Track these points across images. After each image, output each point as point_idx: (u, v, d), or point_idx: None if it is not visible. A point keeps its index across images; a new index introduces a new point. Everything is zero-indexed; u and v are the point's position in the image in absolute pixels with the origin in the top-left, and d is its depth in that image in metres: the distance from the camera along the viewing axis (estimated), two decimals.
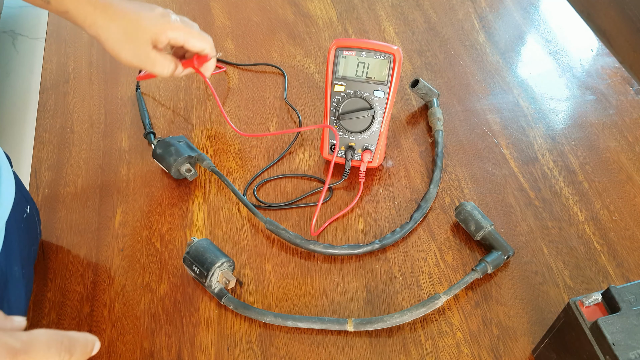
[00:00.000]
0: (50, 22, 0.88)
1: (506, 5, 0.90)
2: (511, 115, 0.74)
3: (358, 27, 0.87)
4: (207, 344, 0.54)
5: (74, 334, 0.34)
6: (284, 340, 0.55)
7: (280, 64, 0.81)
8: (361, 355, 0.53)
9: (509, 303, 0.57)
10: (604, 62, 0.81)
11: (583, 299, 0.45)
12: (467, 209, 0.61)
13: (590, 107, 0.75)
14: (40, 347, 0.32)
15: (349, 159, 0.65)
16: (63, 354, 0.33)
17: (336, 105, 0.64)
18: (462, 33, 0.86)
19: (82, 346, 0.35)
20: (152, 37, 0.60)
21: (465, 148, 0.71)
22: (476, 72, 0.80)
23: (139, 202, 0.66)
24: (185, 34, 0.61)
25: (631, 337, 0.42)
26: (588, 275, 0.59)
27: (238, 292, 0.58)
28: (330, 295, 0.58)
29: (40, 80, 0.80)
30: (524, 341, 0.54)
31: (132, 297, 0.58)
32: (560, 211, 0.64)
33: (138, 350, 0.54)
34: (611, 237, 0.62)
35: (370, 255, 0.61)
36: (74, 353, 0.34)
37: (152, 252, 0.61)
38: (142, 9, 0.59)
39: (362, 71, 0.62)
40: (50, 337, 0.33)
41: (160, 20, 0.60)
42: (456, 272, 0.59)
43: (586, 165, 0.68)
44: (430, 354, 0.53)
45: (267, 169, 0.69)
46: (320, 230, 0.63)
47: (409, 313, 0.54)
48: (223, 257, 0.56)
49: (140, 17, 0.59)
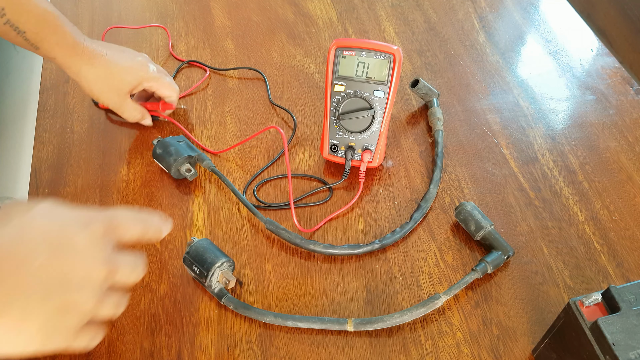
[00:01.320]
0: None
1: (506, 5, 0.90)
2: (511, 115, 0.74)
3: (358, 27, 0.87)
4: (207, 344, 0.54)
5: (150, 214, 0.43)
6: (284, 340, 0.55)
7: (281, 63, 0.81)
8: (361, 355, 0.53)
9: (509, 303, 0.57)
10: (604, 62, 0.81)
11: (583, 299, 0.45)
12: (467, 209, 0.61)
13: (590, 107, 0.75)
14: (124, 218, 0.40)
15: (349, 159, 0.65)
16: (140, 226, 0.41)
17: (336, 105, 0.64)
18: (462, 33, 0.86)
19: (155, 222, 0.43)
20: (130, 88, 0.67)
21: (465, 148, 0.71)
22: (476, 72, 0.80)
23: (139, 202, 0.66)
24: (159, 85, 0.69)
25: (631, 337, 0.42)
26: (588, 275, 0.59)
27: (238, 292, 0.58)
28: (330, 295, 0.58)
29: (40, 80, 0.80)
30: (524, 341, 0.54)
31: (132, 297, 0.58)
32: (560, 211, 0.64)
33: (138, 350, 0.54)
34: (611, 237, 0.62)
35: (370, 255, 0.61)
36: (150, 227, 0.42)
37: (152, 252, 0.61)
38: (124, 60, 0.66)
39: (362, 71, 0.62)
40: (130, 212, 0.41)
41: (140, 72, 0.67)
42: (456, 272, 0.59)
43: (586, 165, 0.68)
44: (430, 354, 0.53)
45: (265, 169, 0.69)
46: (315, 228, 0.63)
47: (409, 313, 0.54)
48: (223, 257, 0.56)
49: (121, 70, 0.65)
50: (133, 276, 0.40)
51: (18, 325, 0.33)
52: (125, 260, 0.39)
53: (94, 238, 0.37)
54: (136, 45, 0.83)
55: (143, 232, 0.42)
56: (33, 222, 0.35)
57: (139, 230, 0.41)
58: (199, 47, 0.83)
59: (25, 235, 0.35)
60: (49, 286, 0.34)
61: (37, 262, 0.34)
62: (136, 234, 0.41)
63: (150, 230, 0.42)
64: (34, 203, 0.37)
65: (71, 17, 0.89)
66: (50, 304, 0.34)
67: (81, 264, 0.36)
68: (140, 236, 0.42)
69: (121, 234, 0.40)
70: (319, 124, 0.73)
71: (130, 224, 0.41)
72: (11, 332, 0.33)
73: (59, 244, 0.35)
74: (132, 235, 0.41)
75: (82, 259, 0.36)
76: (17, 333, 0.33)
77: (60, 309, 0.35)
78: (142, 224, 0.42)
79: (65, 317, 0.35)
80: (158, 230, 0.43)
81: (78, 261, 0.36)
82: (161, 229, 0.43)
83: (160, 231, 0.43)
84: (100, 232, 0.38)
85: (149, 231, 0.42)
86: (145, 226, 0.42)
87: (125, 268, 0.39)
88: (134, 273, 0.40)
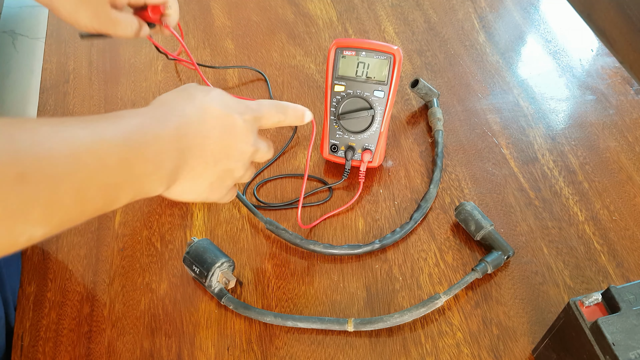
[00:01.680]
0: (50, 22, 0.88)
1: (506, 5, 0.90)
2: (511, 115, 0.74)
3: (358, 27, 0.87)
4: (207, 344, 0.54)
5: (289, 104, 0.52)
6: (284, 340, 0.55)
7: (281, 63, 0.81)
8: (361, 355, 0.53)
9: (509, 303, 0.57)
10: (604, 62, 0.81)
11: (583, 299, 0.45)
12: (467, 209, 0.61)
13: (590, 107, 0.75)
14: (268, 108, 0.49)
15: (349, 159, 0.65)
16: (280, 115, 0.50)
17: (336, 105, 0.64)
18: (462, 33, 0.86)
19: (293, 111, 0.52)
20: None
21: (465, 148, 0.71)
22: (476, 72, 0.80)
23: (139, 202, 0.66)
24: None
25: (631, 337, 0.42)
26: (588, 275, 0.59)
27: (238, 292, 0.58)
28: (330, 295, 0.58)
29: (40, 80, 0.80)
30: (524, 341, 0.54)
31: (132, 297, 0.58)
32: (560, 211, 0.64)
33: (138, 350, 0.54)
34: (611, 237, 0.62)
35: (370, 255, 0.61)
36: (288, 116, 0.51)
37: (152, 252, 0.61)
38: None
39: (362, 71, 0.62)
40: (272, 103, 0.50)
41: None
42: (456, 272, 0.59)
43: (586, 165, 0.68)
44: (430, 354, 0.53)
45: (265, 169, 0.69)
46: (314, 223, 0.63)
47: (409, 313, 0.54)
48: (223, 257, 0.56)
49: None
50: (268, 155, 0.51)
51: (197, 179, 0.45)
52: (263, 143, 0.50)
53: (248, 124, 0.46)
54: (136, 45, 0.83)
55: (282, 119, 0.51)
56: (211, 106, 0.44)
57: (279, 118, 0.51)
58: (199, 47, 0.83)
59: (207, 115, 0.44)
60: (218, 156, 0.45)
61: (213, 138, 0.44)
62: (277, 121, 0.51)
63: (288, 118, 0.51)
64: (209, 88, 0.46)
65: None
66: (218, 168, 0.46)
67: (239, 143, 0.46)
68: (280, 123, 0.51)
69: (264, 122, 0.49)
70: (319, 124, 0.73)
71: (273, 114, 0.50)
72: (193, 183, 0.45)
73: (226, 126, 0.45)
74: (273, 122, 0.50)
75: (240, 140, 0.46)
76: (195, 185, 0.45)
77: (223, 173, 0.46)
78: (282, 113, 0.51)
79: (225, 179, 0.47)
80: (298, 118, 0.52)
81: (237, 141, 0.46)
82: (302, 118, 0.52)
83: (300, 119, 0.52)
84: (252, 120, 0.47)
85: (288, 119, 0.51)
86: (285, 115, 0.51)
87: (264, 148, 0.50)
88: (268, 153, 0.51)
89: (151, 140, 0.39)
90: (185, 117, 0.43)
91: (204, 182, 0.46)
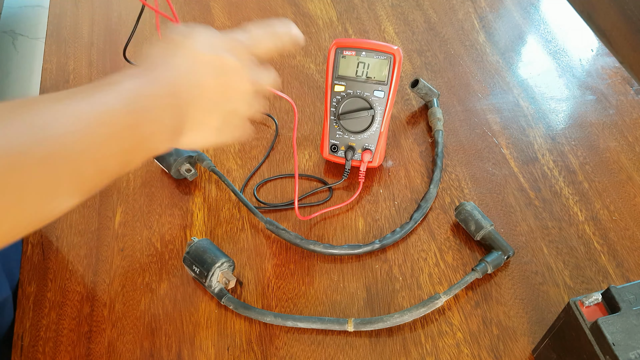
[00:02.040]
0: (50, 22, 0.88)
1: (506, 5, 0.90)
2: (511, 115, 0.74)
3: (358, 27, 0.87)
4: (207, 344, 0.54)
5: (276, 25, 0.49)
6: (284, 340, 0.55)
7: (280, 63, 0.81)
8: (361, 355, 0.53)
9: (509, 303, 0.57)
10: (604, 62, 0.81)
11: (583, 299, 0.45)
12: (467, 209, 0.61)
13: (590, 107, 0.75)
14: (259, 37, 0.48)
15: (349, 159, 0.65)
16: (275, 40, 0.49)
17: (336, 105, 0.64)
18: (462, 33, 0.86)
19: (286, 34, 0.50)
20: None
21: (465, 148, 0.71)
22: (476, 72, 0.80)
23: (139, 202, 0.66)
24: None
25: (631, 337, 0.42)
26: (588, 275, 0.59)
27: (238, 292, 0.58)
28: (330, 295, 0.58)
29: (40, 80, 0.80)
30: (524, 341, 0.54)
31: (132, 297, 0.58)
32: (560, 211, 0.64)
33: (138, 350, 0.54)
34: (611, 237, 0.62)
35: (370, 255, 0.61)
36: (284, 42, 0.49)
37: (152, 252, 0.61)
38: None
39: (362, 71, 0.62)
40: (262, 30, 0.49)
41: None
42: (456, 272, 0.59)
43: (586, 165, 0.68)
44: (430, 354, 0.53)
45: (265, 169, 0.69)
46: (310, 216, 0.63)
47: (409, 313, 0.54)
48: (223, 257, 0.56)
49: None
50: (270, 81, 0.50)
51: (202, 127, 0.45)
52: (262, 73, 0.49)
53: (240, 60, 0.46)
54: (136, 45, 0.83)
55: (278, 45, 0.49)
56: (199, 52, 0.44)
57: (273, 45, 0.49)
58: None
59: (197, 63, 0.44)
60: (217, 101, 0.45)
61: (207, 85, 0.44)
62: (272, 48, 0.49)
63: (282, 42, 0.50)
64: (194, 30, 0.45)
65: (71, 18, 0.89)
66: (221, 110, 0.46)
67: (235, 83, 0.46)
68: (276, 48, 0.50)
69: (259, 52, 0.48)
70: (319, 124, 0.73)
71: (265, 42, 0.49)
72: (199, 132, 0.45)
73: (218, 69, 0.44)
74: (269, 50, 0.49)
75: (235, 80, 0.46)
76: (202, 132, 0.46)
77: (227, 115, 0.46)
78: (275, 38, 0.49)
79: (232, 119, 0.47)
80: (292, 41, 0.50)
81: (233, 81, 0.46)
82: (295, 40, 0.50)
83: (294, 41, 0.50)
84: (244, 55, 0.46)
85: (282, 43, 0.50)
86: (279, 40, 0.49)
87: (265, 78, 0.49)
88: (270, 79, 0.50)
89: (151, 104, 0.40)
90: (177, 70, 0.43)
91: (210, 128, 0.46)
